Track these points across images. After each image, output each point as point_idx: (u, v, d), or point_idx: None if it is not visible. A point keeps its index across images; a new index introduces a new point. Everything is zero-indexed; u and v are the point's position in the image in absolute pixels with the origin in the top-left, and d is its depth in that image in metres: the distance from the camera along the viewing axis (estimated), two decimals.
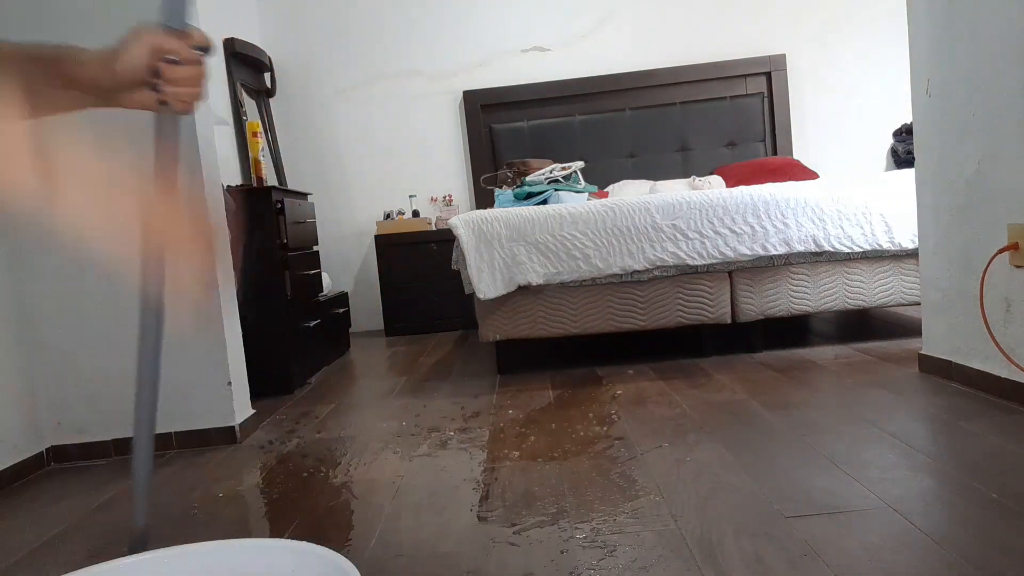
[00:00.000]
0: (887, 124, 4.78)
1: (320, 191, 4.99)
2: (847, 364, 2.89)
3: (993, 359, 2.26)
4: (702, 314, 3.20)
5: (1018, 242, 2.12)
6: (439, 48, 4.97)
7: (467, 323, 4.72)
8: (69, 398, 2.61)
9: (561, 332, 3.24)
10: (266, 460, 2.39)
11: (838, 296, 3.21)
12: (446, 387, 3.16)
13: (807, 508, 1.60)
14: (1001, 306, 2.22)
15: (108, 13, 2.49)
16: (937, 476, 1.71)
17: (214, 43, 1.12)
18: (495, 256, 3.13)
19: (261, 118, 4.69)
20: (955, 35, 2.34)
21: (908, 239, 3.07)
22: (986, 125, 2.23)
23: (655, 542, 1.51)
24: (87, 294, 2.57)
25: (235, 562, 0.99)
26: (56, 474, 2.48)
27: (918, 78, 2.57)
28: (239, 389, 2.70)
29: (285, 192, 3.66)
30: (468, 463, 2.15)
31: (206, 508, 2.00)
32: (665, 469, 1.92)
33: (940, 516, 1.50)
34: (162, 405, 2.82)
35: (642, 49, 4.90)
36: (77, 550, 1.80)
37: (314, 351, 3.69)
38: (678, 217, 3.14)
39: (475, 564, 1.50)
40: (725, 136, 4.86)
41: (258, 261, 3.30)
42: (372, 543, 1.65)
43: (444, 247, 4.57)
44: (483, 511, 1.77)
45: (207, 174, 2.59)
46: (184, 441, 2.61)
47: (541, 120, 4.91)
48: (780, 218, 3.12)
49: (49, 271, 2.57)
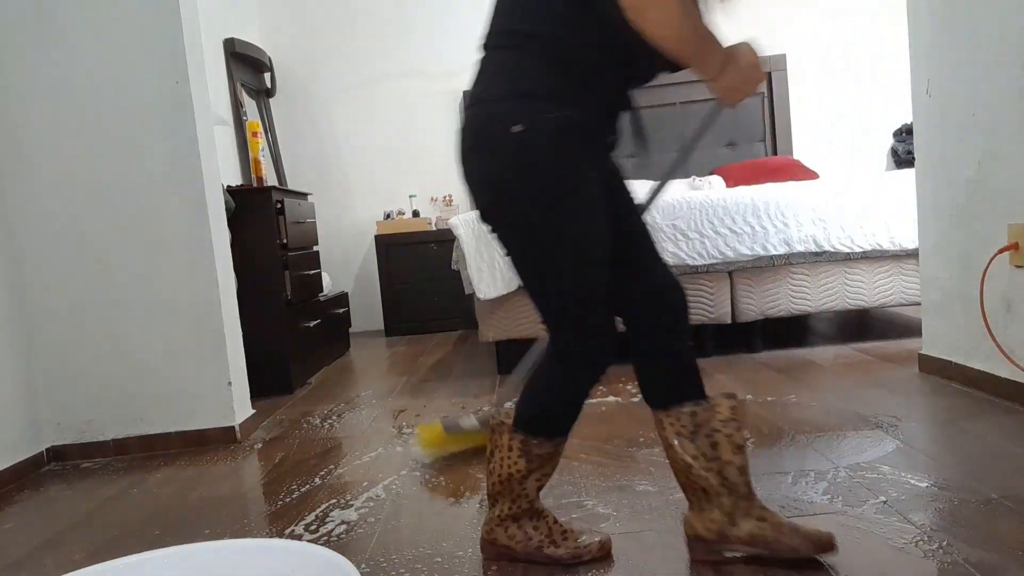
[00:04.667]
0: (887, 124, 4.78)
1: (320, 191, 4.99)
2: (847, 364, 2.89)
3: (993, 359, 2.26)
4: (702, 314, 3.20)
5: (1018, 242, 2.12)
6: (439, 48, 4.96)
7: (467, 323, 4.72)
8: (69, 398, 2.61)
9: None
10: (266, 460, 2.39)
11: (838, 296, 3.21)
12: (446, 387, 3.16)
13: (807, 508, 1.60)
14: (1001, 306, 2.22)
15: (108, 13, 2.50)
16: (937, 476, 1.71)
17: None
18: (495, 256, 3.13)
19: (261, 118, 4.69)
20: (955, 35, 2.34)
21: (908, 239, 3.07)
22: (986, 125, 2.23)
23: (655, 541, 1.51)
24: (87, 294, 2.57)
25: (235, 562, 0.99)
26: (56, 474, 2.48)
27: (918, 78, 2.57)
28: (239, 389, 2.70)
29: (285, 192, 3.66)
30: (468, 462, 2.15)
31: (206, 508, 2.00)
32: (665, 469, 1.92)
33: (940, 516, 1.50)
34: (162, 405, 2.83)
35: None
36: (77, 550, 1.80)
37: (314, 351, 3.69)
38: (678, 217, 3.13)
39: (475, 564, 1.50)
40: (725, 136, 4.86)
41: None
42: (372, 543, 1.65)
43: (444, 247, 4.57)
44: (483, 510, 1.77)
45: (207, 174, 2.59)
46: (184, 441, 2.61)
47: None
48: (780, 218, 3.12)
49: (50, 271, 2.57)
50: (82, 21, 2.50)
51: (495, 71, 1.32)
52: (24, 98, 2.52)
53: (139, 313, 2.58)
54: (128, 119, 2.54)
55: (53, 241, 2.56)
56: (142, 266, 2.57)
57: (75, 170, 2.54)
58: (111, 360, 2.60)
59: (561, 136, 1.27)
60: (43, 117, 2.53)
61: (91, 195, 2.55)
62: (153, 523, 1.93)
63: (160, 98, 2.53)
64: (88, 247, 2.57)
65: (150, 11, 2.51)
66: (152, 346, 2.59)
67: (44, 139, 2.54)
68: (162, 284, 2.58)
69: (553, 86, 1.27)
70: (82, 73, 2.51)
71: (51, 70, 2.51)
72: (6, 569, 1.73)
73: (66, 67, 2.51)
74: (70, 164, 2.54)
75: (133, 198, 2.56)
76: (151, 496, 2.15)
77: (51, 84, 2.52)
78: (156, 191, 2.56)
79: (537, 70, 1.28)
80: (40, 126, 2.53)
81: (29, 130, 2.53)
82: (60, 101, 2.52)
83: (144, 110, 2.53)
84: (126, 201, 2.56)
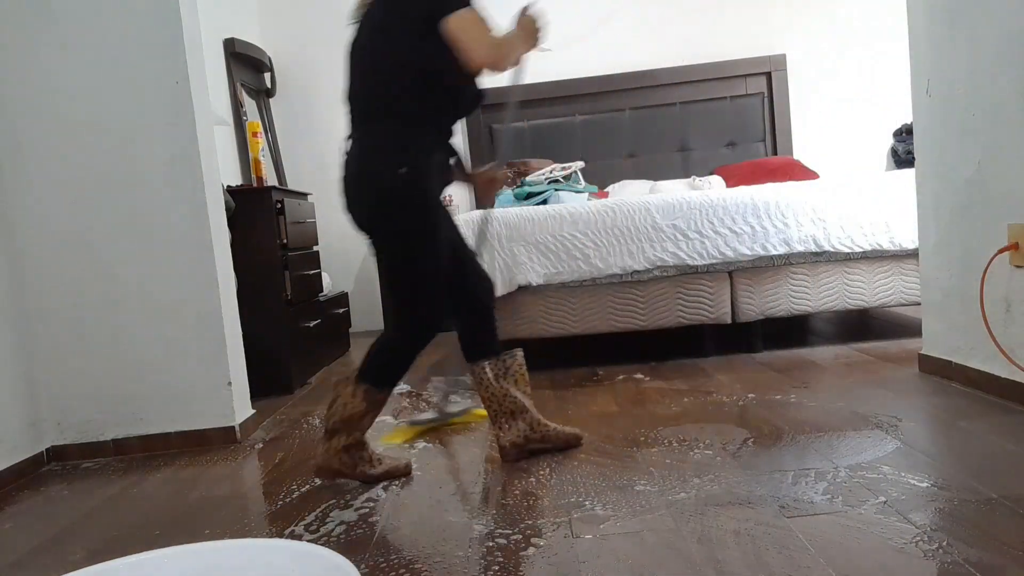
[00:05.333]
0: (887, 124, 4.77)
1: (320, 191, 4.98)
2: (847, 364, 2.89)
3: (993, 359, 2.26)
4: (702, 314, 3.20)
5: (1018, 242, 2.12)
6: None
7: None
8: (69, 398, 2.61)
9: (561, 332, 3.24)
10: (266, 460, 2.39)
11: (838, 296, 3.21)
12: (446, 387, 3.16)
13: (807, 508, 1.60)
14: (1001, 306, 2.22)
15: (108, 13, 2.50)
16: (937, 476, 1.71)
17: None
18: (495, 256, 3.13)
19: (261, 118, 4.69)
20: (955, 35, 2.34)
21: (908, 239, 3.07)
22: (986, 125, 2.23)
23: (655, 541, 1.51)
24: (87, 294, 2.58)
25: (235, 562, 0.99)
26: (56, 474, 2.48)
27: (918, 78, 2.57)
28: (239, 389, 2.70)
29: (285, 192, 3.66)
30: (468, 463, 2.15)
31: (206, 508, 2.00)
32: (665, 469, 1.92)
33: (940, 516, 1.50)
34: (162, 405, 2.83)
35: (642, 49, 4.89)
36: (77, 550, 1.80)
37: (314, 351, 3.69)
38: (678, 217, 3.14)
39: (475, 564, 1.50)
40: (725, 136, 4.85)
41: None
42: (372, 543, 1.65)
43: None
44: (483, 510, 1.77)
45: (207, 174, 2.59)
46: (184, 441, 2.61)
47: (541, 120, 4.91)
48: (780, 218, 3.12)
49: (49, 271, 2.57)
50: (82, 21, 2.50)
51: (381, 131, 1.92)
52: (24, 98, 2.52)
53: (139, 313, 2.58)
54: (128, 119, 2.54)
55: (53, 241, 2.56)
56: (142, 266, 2.57)
57: (75, 170, 2.54)
58: (111, 360, 2.60)
59: (427, 174, 1.93)
60: (43, 117, 2.53)
61: (91, 195, 2.55)
62: (153, 523, 1.93)
63: (160, 98, 2.53)
64: (88, 247, 2.57)
65: (150, 11, 2.51)
66: (152, 346, 2.59)
67: (44, 139, 2.54)
68: (162, 284, 2.58)
69: (419, 139, 1.92)
70: (82, 73, 2.51)
71: (51, 70, 2.51)
72: (6, 569, 1.73)
73: (66, 67, 2.51)
74: (70, 164, 2.54)
75: (133, 198, 2.56)
76: (151, 496, 2.15)
77: (51, 84, 2.52)
78: (156, 191, 2.56)
79: (408, 129, 1.91)
80: (40, 126, 2.53)
81: (29, 130, 2.53)
82: (60, 101, 2.52)
83: (144, 110, 2.53)
84: (126, 201, 2.56)
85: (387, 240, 1.96)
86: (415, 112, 1.91)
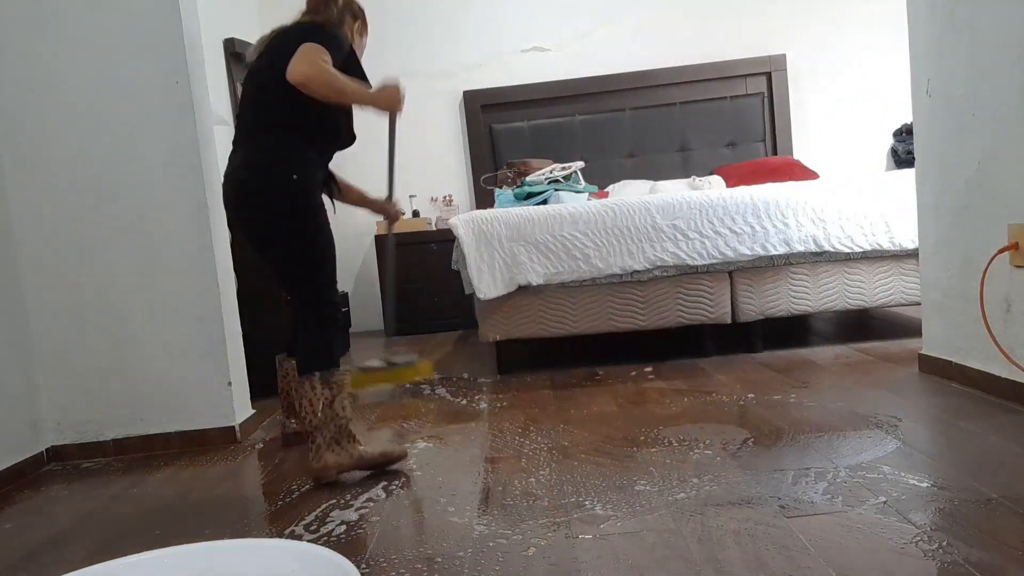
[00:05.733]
0: (887, 124, 4.77)
1: None
2: (847, 364, 2.89)
3: (993, 359, 2.26)
4: (702, 314, 3.20)
5: (1018, 242, 2.12)
6: (439, 48, 4.96)
7: (467, 323, 4.71)
8: (69, 398, 2.61)
9: (561, 332, 3.24)
10: (266, 460, 2.39)
11: (838, 296, 3.21)
12: (446, 387, 3.16)
13: (807, 508, 1.60)
14: (1001, 306, 2.22)
15: (108, 13, 2.50)
16: (937, 476, 1.71)
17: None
18: (495, 256, 3.13)
19: None
20: (955, 35, 2.34)
21: (908, 239, 3.07)
22: (986, 125, 2.23)
23: (655, 541, 1.51)
24: (87, 294, 2.57)
25: (235, 562, 0.99)
26: (56, 474, 2.48)
27: (918, 78, 2.57)
28: (239, 389, 2.70)
29: None
30: (468, 463, 2.15)
31: (206, 508, 2.00)
32: (665, 469, 1.92)
33: (940, 516, 1.50)
34: (162, 405, 2.83)
35: (642, 49, 4.89)
36: (77, 550, 1.80)
37: None
38: (678, 217, 3.14)
39: (475, 563, 1.50)
40: (725, 136, 4.85)
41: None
42: (372, 542, 1.65)
43: (444, 247, 4.56)
44: (483, 510, 1.77)
45: (207, 174, 2.59)
46: (184, 441, 2.61)
47: (541, 120, 4.91)
48: (780, 218, 3.12)
49: (49, 271, 2.57)
50: (82, 21, 2.50)
51: (273, 142, 2.10)
52: (24, 98, 2.52)
53: (139, 313, 2.58)
54: (128, 119, 2.54)
55: (53, 241, 2.56)
56: (142, 266, 2.57)
57: (75, 170, 2.54)
58: (111, 360, 2.59)
59: (315, 180, 2.18)
60: (43, 117, 2.53)
61: (91, 195, 2.55)
62: (153, 523, 1.93)
63: (160, 98, 2.53)
64: (88, 247, 2.57)
65: (150, 11, 2.51)
66: (152, 346, 2.59)
67: (44, 139, 2.54)
68: (162, 284, 2.58)
69: (303, 152, 2.13)
70: (82, 73, 2.51)
71: (51, 70, 2.51)
72: (6, 569, 1.73)
73: (66, 67, 2.51)
74: (70, 164, 2.54)
75: (133, 198, 2.56)
76: (151, 496, 2.15)
77: (51, 84, 2.52)
78: (156, 191, 2.56)
79: (292, 143, 2.10)
80: (40, 126, 2.53)
81: (29, 130, 2.53)
82: (60, 101, 2.52)
83: (144, 110, 2.53)
84: (126, 201, 2.56)
85: (291, 238, 2.10)
86: (297, 128, 2.10)
